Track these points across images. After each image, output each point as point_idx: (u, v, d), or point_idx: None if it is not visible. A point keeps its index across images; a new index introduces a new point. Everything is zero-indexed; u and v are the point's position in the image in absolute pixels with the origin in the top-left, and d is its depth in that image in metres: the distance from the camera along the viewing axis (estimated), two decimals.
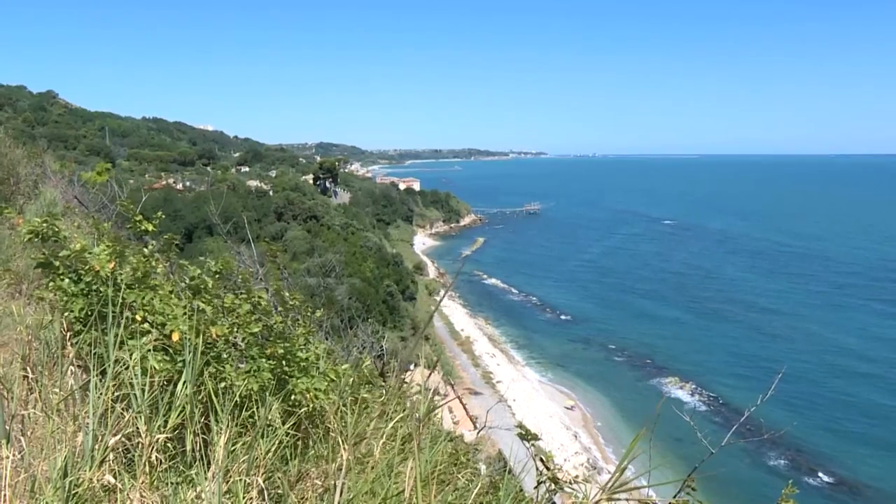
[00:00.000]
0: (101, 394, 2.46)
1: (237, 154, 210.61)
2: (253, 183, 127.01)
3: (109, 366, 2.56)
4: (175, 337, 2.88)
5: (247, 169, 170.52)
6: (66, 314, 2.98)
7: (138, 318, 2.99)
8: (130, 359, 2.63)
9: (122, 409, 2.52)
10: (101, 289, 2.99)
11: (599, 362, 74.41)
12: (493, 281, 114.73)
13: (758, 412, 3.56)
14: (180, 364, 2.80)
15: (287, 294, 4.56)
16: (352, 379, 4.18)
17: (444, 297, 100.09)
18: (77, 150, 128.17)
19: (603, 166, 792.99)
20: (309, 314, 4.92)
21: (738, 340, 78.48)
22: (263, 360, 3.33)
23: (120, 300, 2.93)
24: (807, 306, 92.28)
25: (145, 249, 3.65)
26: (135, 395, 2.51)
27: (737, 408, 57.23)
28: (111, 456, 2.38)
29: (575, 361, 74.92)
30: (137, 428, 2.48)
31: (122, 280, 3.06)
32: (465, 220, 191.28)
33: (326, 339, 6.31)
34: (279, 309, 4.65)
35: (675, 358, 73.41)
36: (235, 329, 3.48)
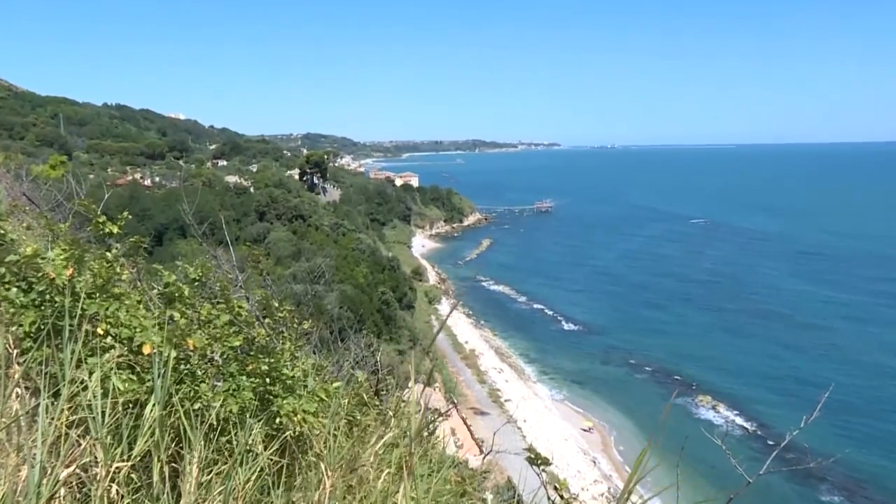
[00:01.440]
0: (52, 419, 2.40)
1: (213, 146, 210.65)
2: (231, 178, 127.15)
3: (64, 386, 2.50)
4: (147, 350, 2.83)
5: (224, 163, 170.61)
6: (12, 328, 2.92)
7: (100, 331, 2.94)
8: (90, 378, 2.57)
9: (78, 436, 2.46)
10: (57, 299, 2.94)
11: (620, 379, 74.28)
12: (500, 287, 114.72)
13: (802, 437, 3.50)
14: (149, 383, 2.76)
15: (275, 303, 4.53)
16: (345, 399, 4.15)
17: (450, 314, 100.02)
18: (25, 139, 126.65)
19: (624, 159, 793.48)
20: (296, 325, 4.87)
21: (777, 355, 78.14)
22: (244, 377, 3.29)
23: (78, 311, 2.87)
24: (856, 318, 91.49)
25: (108, 254, 3.61)
26: (93, 418, 2.45)
27: (777, 432, 56.92)
28: (62, 491, 2.31)
29: (592, 378, 74.80)
30: (95, 457, 2.41)
31: (81, 288, 3.01)
32: (469, 220, 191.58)
33: (314, 353, 6.26)
34: (264, 320, 4.61)
35: (705, 375, 73.20)
36: (213, 342, 3.45)
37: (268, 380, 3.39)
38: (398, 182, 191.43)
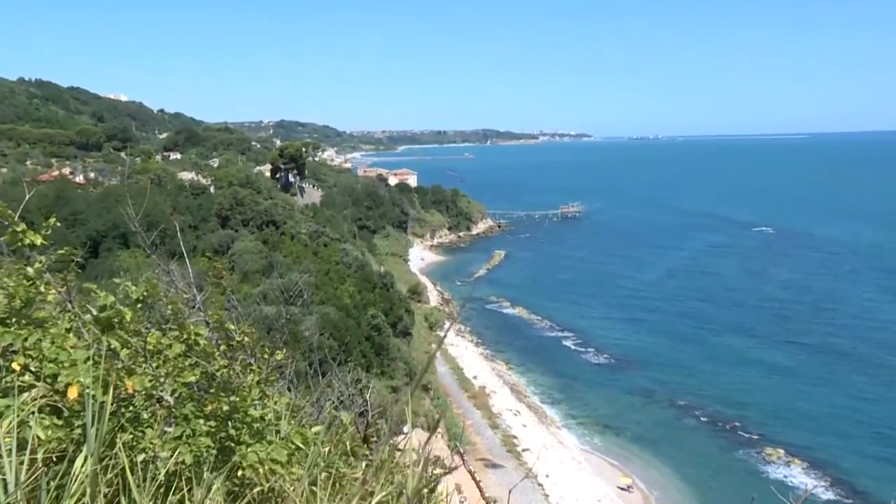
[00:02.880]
0: None
1: (164, 135, 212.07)
2: (187, 175, 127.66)
3: None
4: (72, 393, 2.78)
5: (178, 156, 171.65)
6: None
7: (16, 366, 2.90)
8: (2, 426, 2.52)
9: None
10: None
11: (666, 425, 73.98)
12: (516, 310, 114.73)
13: None
14: (79, 430, 2.70)
15: (234, 328, 4.48)
16: (326, 447, 4.10)
17: (448, 330, 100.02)
18: None
19: (670, 152, 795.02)
20: (266, 356, 4.83)
21: (871, 398, 76.78)
22: (201, 420, 3.26)
23: None
24: None
25: (29, 269, 3.56)
26: (3, 479, 2.39)
27: (875, 498, 56.05)
28: None
29: (631, 423, 74.52)
30: None
31: None
32: (479, 228, 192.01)
33: (289, 390, 6.23)
34: (223, 350, 4.57)
35: (776, 421, 72.48)
36: (162, 379, 3.41)
37: (230, 423, 3.35)
38: (392, 181, 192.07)
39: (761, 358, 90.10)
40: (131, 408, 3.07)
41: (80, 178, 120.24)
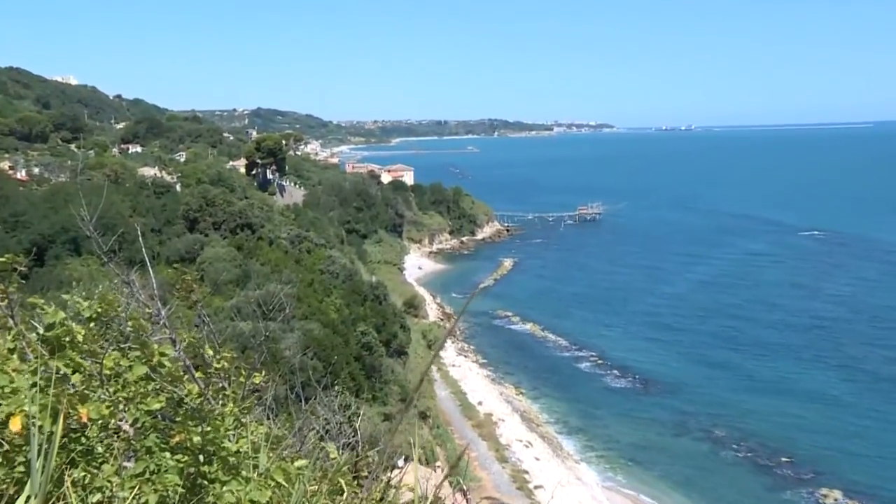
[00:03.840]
0: None
1: (122, 125, 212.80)
2: (149, 171, 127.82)
3: None
4: (15, 426, 2.74)
5: (138, 149, 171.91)
6: None
7: None
8: None
9: None
10: None
11: (700, 459, 73.93)
12: (526, 326, 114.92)
13: None
14: (22, 468, 2.67)
15: (210, 350, 4.46)
16: (311, 484, 4.08)
17: (443, 341, 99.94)
18: None
19: (705, 145, 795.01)
20: (242, 380, 4.80)
21: None
22: (167, 454, 3.23)
23: None
24: None
25: None
26: None
27: None
28: None
29: (660, 457, 74.48)
30: None
31: None
32: (485, 232, 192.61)
33: (268, 418, 6.22)
34: (197, 372, 4.54)
35: (829, 458, 72.03)
36: (121, 407, 3.37)
37: (201, 457, 3.33)
38: (385, 178, 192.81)
39: (810, 386, 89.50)
40: (84, 440, 3.02)
41: (21, 174, 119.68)
